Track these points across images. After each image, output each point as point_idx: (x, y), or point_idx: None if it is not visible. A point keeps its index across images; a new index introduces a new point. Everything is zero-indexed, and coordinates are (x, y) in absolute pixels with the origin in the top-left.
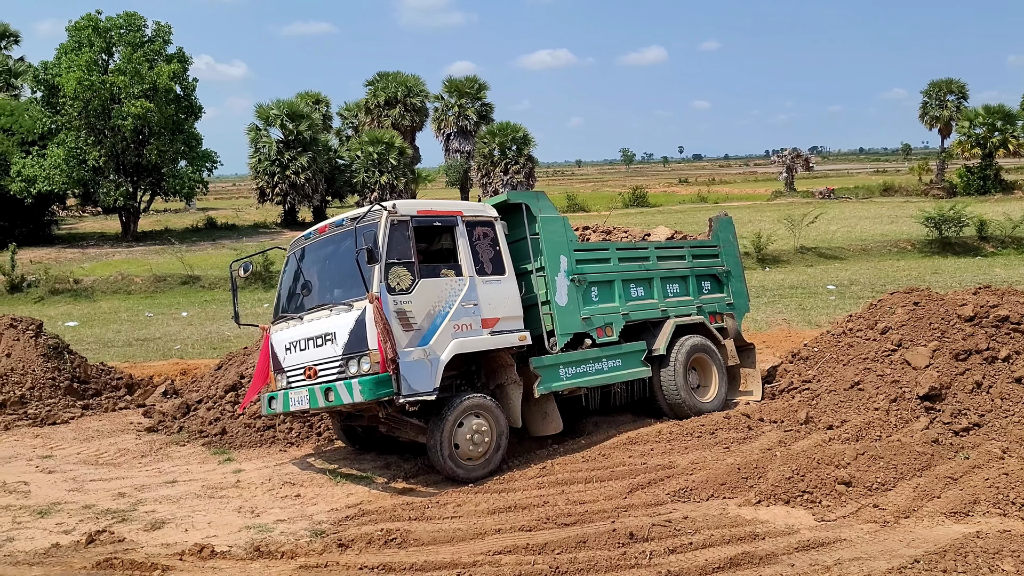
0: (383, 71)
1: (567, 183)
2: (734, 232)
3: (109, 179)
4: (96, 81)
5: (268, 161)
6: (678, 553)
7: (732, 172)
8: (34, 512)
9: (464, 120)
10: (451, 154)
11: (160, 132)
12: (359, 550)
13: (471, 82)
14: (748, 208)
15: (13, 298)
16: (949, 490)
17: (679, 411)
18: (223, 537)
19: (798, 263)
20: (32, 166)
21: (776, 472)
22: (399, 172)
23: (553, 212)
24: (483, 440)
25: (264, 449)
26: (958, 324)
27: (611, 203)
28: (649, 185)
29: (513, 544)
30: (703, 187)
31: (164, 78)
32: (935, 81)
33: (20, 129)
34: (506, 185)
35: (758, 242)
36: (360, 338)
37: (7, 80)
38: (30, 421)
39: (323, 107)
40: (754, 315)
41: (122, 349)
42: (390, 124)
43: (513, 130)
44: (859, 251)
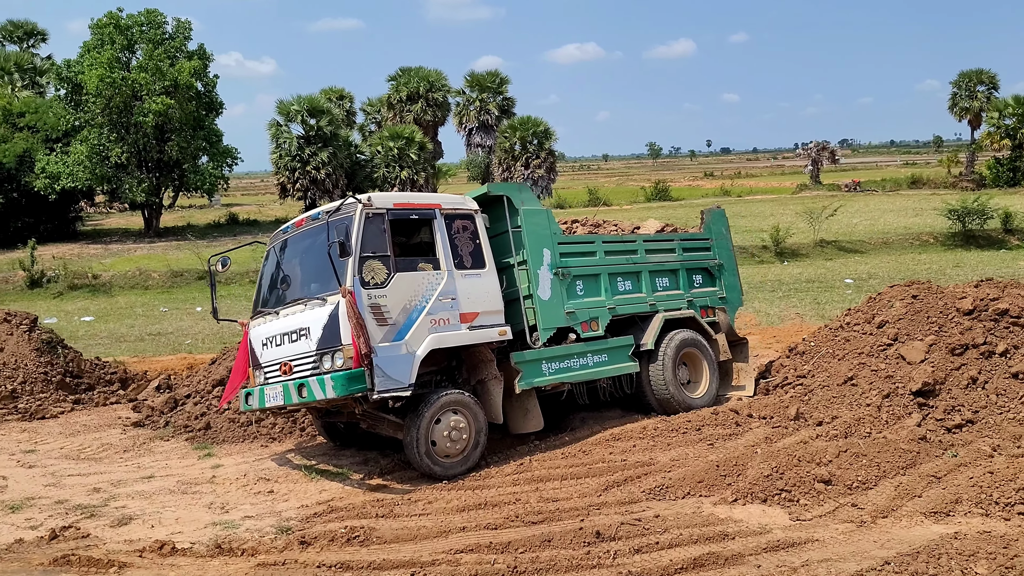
0: (405, 66)
1: (592, 177)
2: (727, 225)
3: (131, 175)
4: (118, 78)
5: (289, 157)
6: (643, 553)
7: (759, 166)
8: (6, 507)
9: (486, 114)
10: (472, 149)
11: (181, 128)
12: (320, 548)
13: (493, 76)
14: (771, 201)
15: (33, 293)
16: (931, 489)
17: (668, 407)
18: (188, 534)
19: (817, 256)
20: (56, 163)
21: (755, 470)
22: (419, 167)
23: (536, 205)
24: (461, 437)
25: (246, 444)
26: (956, 318)
27: (634, 197)
28: (674, 179)
29: (476, 543)
30: (728, 181)
31: (185, 75)
32: (965, 72)
33: (44, 126)
34: (527, 179)
35: (776, 235)
36: (333, 333)
37: (32, 78)
38: (19, 415)
39: (347, 103)
40: (767, 309)
41: (134, 344)
42: (412, 119)
43: (534, 124)
44: (880, 244)
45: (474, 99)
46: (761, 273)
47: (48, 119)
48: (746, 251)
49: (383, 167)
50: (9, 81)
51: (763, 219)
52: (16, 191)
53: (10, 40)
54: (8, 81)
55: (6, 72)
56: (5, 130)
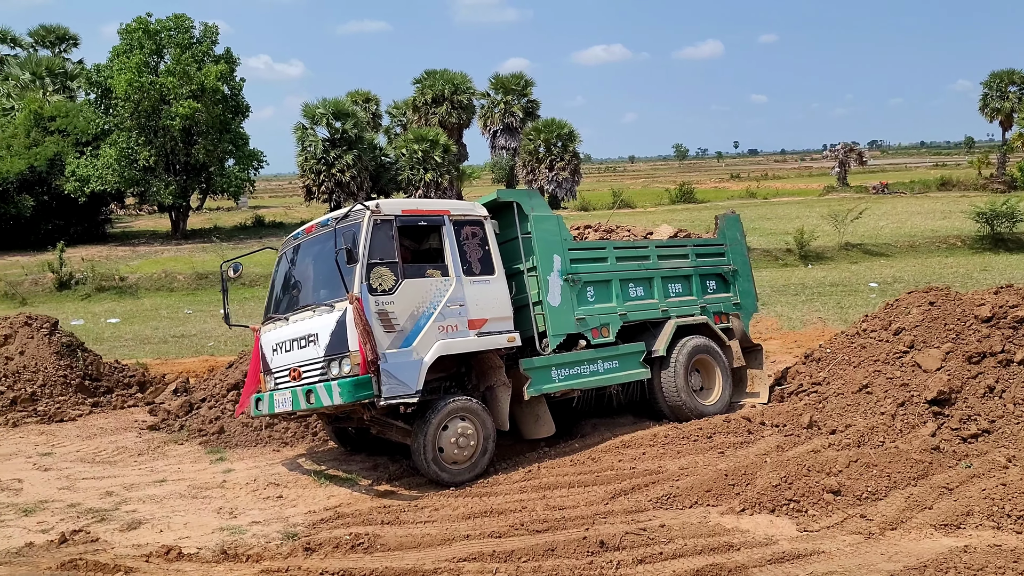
0: (430, 69)
1: (618, 179)
2: (742, 230)
3: (159, 178)
4: (146, 82)
5: (314, 159)
6: (647, 563)
7: (786, 167)
8: (20, 510)
9: (510, 117)
10: (497, 151)
11: (208, 132)
12: (325, 555)
13: (517, 79)
14: (797, 204)
15: (61, 295)
16: (942, 501)
17: (680, 414)
18: (195, 538)
19: (842, 260)
20: (86, 166)
21: (764, 479)
22: (443, 169)
23: (546, 211)
24: (468, 444)
25: (259, 449)
26: (974, 325)
27: (658, 199)
28: (700, 181)
29: (480, 551)
30: (754, 183)
31: (211, 79)
32: (996, 72)
33: (75, 130)
34: (551, 182)
35: (800, 238)
36: (341, 339)
37: (63, 83)
38: (38, 418)
39: (373, 105)
40: (789, 313)
41: (157, 346)
42: (437, 122)
43: (559, 126)
44: (907, 247)
45: (498, 101)
46: (784, 276)
47: (78, 123)
48: (769, 254)
49: (407, 170)
50: (41, 86)
51: (788, 221)
52: (47, 194)
53: (42, 45)
54: (40, 86)
55: (38, 77)
56: (36, 134)
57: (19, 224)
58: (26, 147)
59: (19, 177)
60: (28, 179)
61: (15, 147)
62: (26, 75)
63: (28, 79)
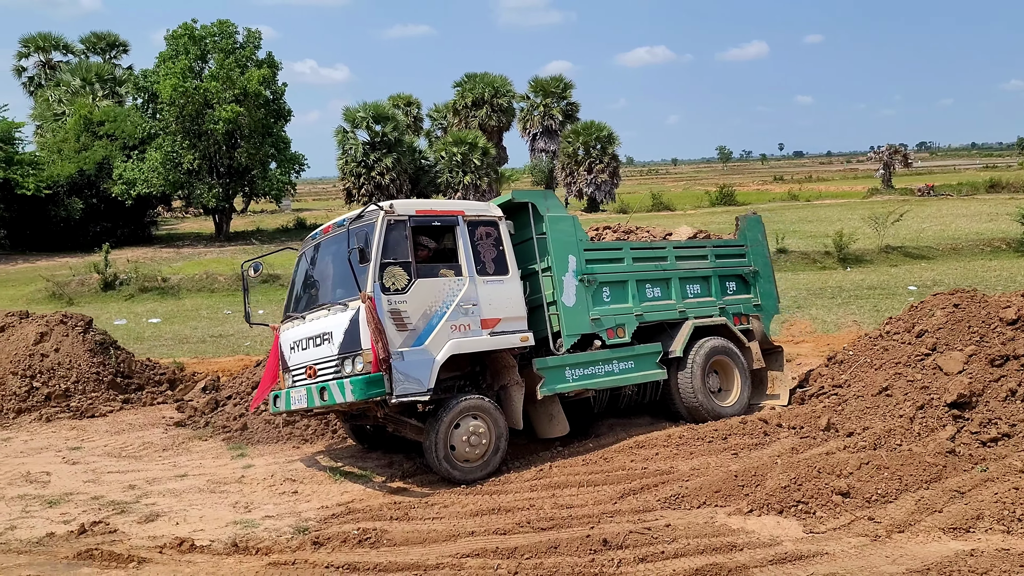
0: (471, 72)
1: (659, 182)
2: (763, 231)
3: (203, 181)
4: (190, 87)
5: (355, 162)
6: (648, 562)
7: (831, 169)
8: (45, 502)
9: (549, 119)
10: (536, 154)
11: (250, 136)
12: (332, 549)
13: (556, 81)
14: (840, 206)
15: (106, 295)
16: (953, 504)
17: (697, 415)
18: (209, 531)
19: (882, 263)
20: (132, 169)
21: (774, 481)
22: (482, 172)
23: (562, 211)
24: (480, 442)
25: (279, 446)
26: (999, 328)
27: (698, 202)
28: (743, 183)
29: (483, 547)
30: (796, 185)
31: (254, 83)
32: None
33: (122, 134)
34: (591, 184)
35: (839, 241)
36: (354, 338)
37: (112, 88)
38: (71, 414)
39: (414, 109)
40: (824, 316)
41: (196, 345)
42: (477, 125)
43: (598, 129)
44: (949, 250)
45: (538, 104)
46: (822, 279)
47: (126, 127)
48: (807, 257)
49: (446, 172)
50: (90, 91)
51: (829, 224)
52: (95, 197)
53: (94, 52)
54: (89, 91)
55: (88, 83)
56: (86, 138)
57: (68, 226)
58: (76, 151)
59: (69, 180)
60: (77, 182)
61: (65, 151)
62: (76, 81)
63: (78, 85)
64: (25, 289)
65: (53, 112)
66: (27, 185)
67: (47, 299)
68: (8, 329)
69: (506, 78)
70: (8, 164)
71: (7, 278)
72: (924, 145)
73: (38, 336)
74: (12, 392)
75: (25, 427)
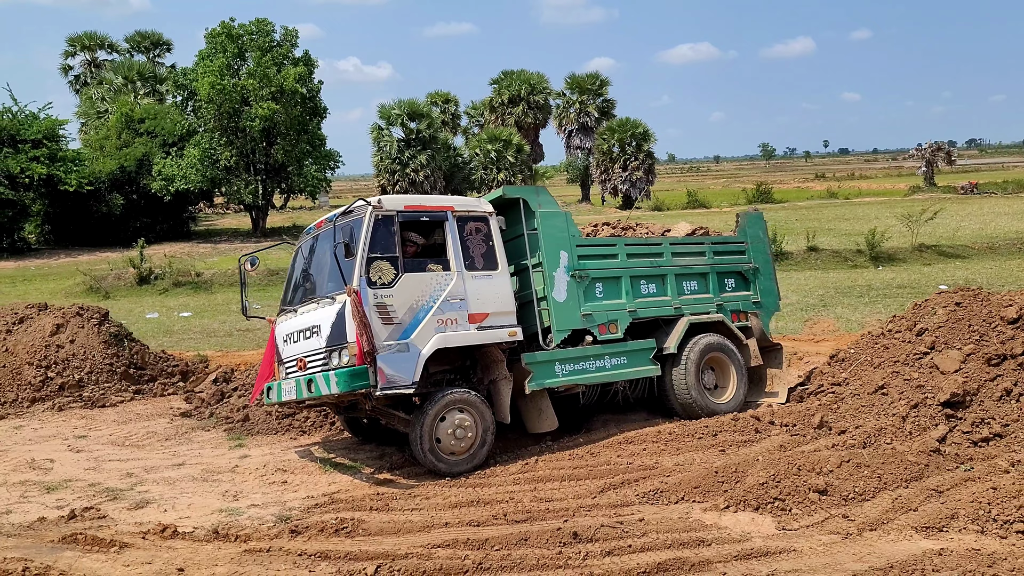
0: (507, 69)
1: (700, 179)
2: (765, 229)
3: (240, 178)
4: (228, 85)
5: (389, 159)
6: (614, 555)
7: (876, 167)
8: (44, 487)
9: (585, 116)
10: (572, 151)
11: (286, 133)
12: (308, 537)
13: (593, 78)
14: (879, 204)
15: (141, 289)
16: (929, 503)
17: (690, 411)
18: (195, 519)
19: (915, 261)
20: (171, 166)
21: (753, 477)
22: (516, 169)
23: (554, 207)
24: (466, 435)
25: (277, 437)
26: (1000, 326)
27: (735, 199)
28: (784, 181)
29: (455, 538)
30: (836, 183)
31: (290, 81)
32: None
33: (162, 131)
34: (626, 181)
35: (871, 239)
36: (340, 331)
37: (153, 86)
38: (83, 403)
39: (452, 106)
40: (849, 315)
41: (222, 339)
42: (513, 122)
43: (633, 126)
44: (985, 249)
45: (574, 101)
46: (851, 278)
47: (165, 124)
48: (838, 255)
49: (480, 170)
50: (132, 89)
51: (866, 222)
52: (135, 193)
53: (138, 50)
54: (131, 89)
55: (129, 81)
56: (127, 135)
57: (109, 222)
58: (117, 148)
59: (110, 177)
60: (118, 179)
61: (107, 148)
62: (119, 79)
63: (121, 83)
64: (65, 283)
65: (96, 110)
66: (69, 181)
67: (84, 293)
68: (27, 320)
69: (543, 75)
70: (51, 161)
71: (49, 272)
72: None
73: (54, 328)
74: (27, 382)
75: (38, 416)
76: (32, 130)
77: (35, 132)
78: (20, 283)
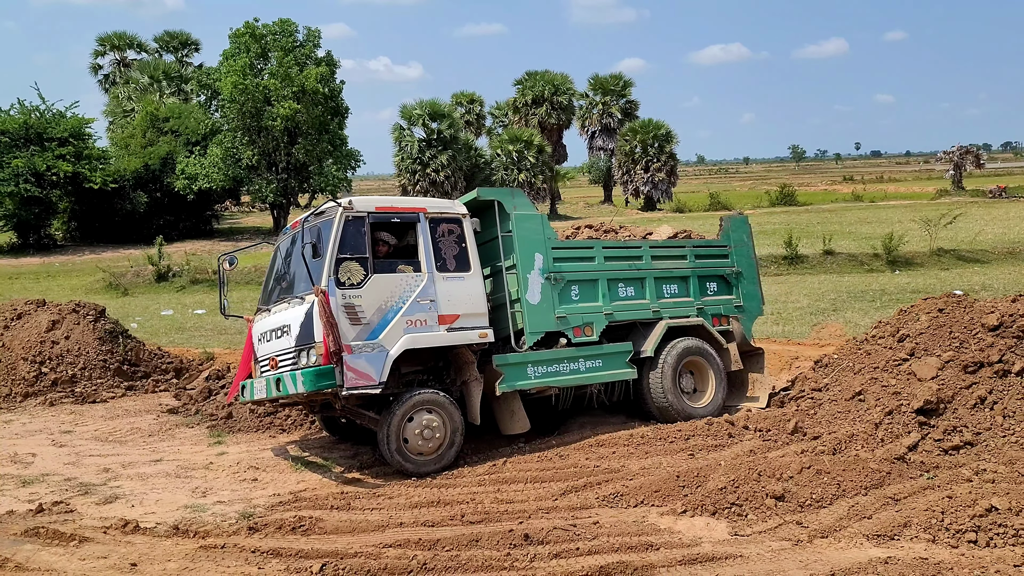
0: (531, 70)
1: (727, 181)
2: (749, 232)
3: (262, 177)
4: (250, 84)
5: (410, 159)
6: (561, 558)
7: (906, 170)
8: (21, 481)
9: (608, 118)
10: (594, 152)
11: (308, 132)
12: (265, 535)
13: (616, 79)
14: (904, 207)
15: (159, 286)
16: (884, 511)
17: (667, 415)
18: (159, 514)
19: (932, 266)
20: (194, 165)
21: (713, 482)
22: (537, 170)
23: (530, 210)
24: (434, 436)
25: (257, 435)
26: (980, 333)
27: (758, 202)
28: (811, 183)
29: (407, 538)
30: (864, 185)
31: (312, 80)
32: None
33: (186, 130)
34: (647, 183)
35: (888, 243)
36: (308, 331)
37: (179, 85)
38: (74, 399)
39: (477, 106)
40: (859, 320)
41: (232, 336)
42: (537, 122)
43: (655, 127)
44: (1005, 254)
45: (597, 102)
46: (865, 282)
47: (189, 123)
48: (855, 259)
49: (501, 170)
50: (158, 88)
51: (888, 225)
52: (159, 191)
53: (166, 50)
54: (157, 88)
55: (155, 80)
56: (152, 134)
57: (133, 219)
58: (142, 146)
59: (135, 175)
60: (143, 177)
61: (132, 146)
62: (145, 79)
63: (147, 82)
64: (87, 279)
65: (123, 109)
66: (95, 179)
67: (104, 289)
68: (24, 316)
69: (567, 76)
70: (77, 159)
71: (73, 268)
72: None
73: (50, 324)
74: (21, 377)
75: (29, 410)
76: (59, 128)
77: (62, 130)
78: (44, 279)
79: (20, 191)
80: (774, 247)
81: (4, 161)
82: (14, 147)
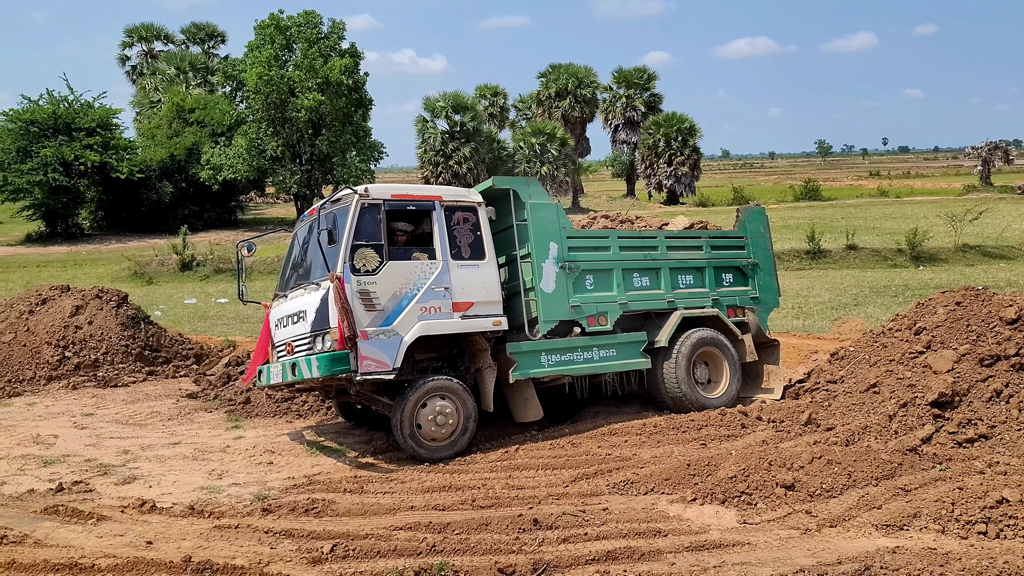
0: (555, 63)
1: (752, 176)
2: (766, 224)
3: (286, 167)
4: (275, 76)
5: (433, 151)
6: (569, 543)
7: (934, 165)
8: (42, 461)
9: (631, 111)
10: (618, 145)
11: (331, 124)
12: (278, 516)
13: (640, 72)
14: (930, 203)
15: (183, 275)
16: (894, 501)
17: (680, 405)
18: (176, 495)
19: (957, 262)
20: (219, 155)
21: (724, 471)
22: (559, 163)
23: (544, 199)
24: (447, 422)
25: (274, 420)
26: (998, 327)
27: (782, 196)
28: (837, 179)
29: (417, 521)
30: (892, 181)
31: (336, 72)
32: None
33: (211, 121)
34: (670, 177)
35: (912, 238)
36: (323, 316)
37: (205, 77)
38: (96, 383)
39: (500, 99)
40: (880, 315)
41: (255, 325)
42: (560, 115)
43: (679, 121)
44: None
45: (620, 96)
46: (888, 277)
47: (215, 114)
48: (879, 254)
49: (524, 163)
50: (184, 80)
51: (913, 221)
52: (184, 181)
53: (193, 42)
54: (183, 79)
55: (182, 71)
56: (177, 125)
57: (159, 209)
58: (168, 137)
59: (160, 165)
60: (168, 167)
61: (159, 137)
62: (172, 70)
63: (173, 73)
64: (113, 268)
65: (150, 99)
66: (121, 169)
67: (129, 278)
68: (49, 302)
69: (591, 68)
70: (105, 149)
71: (99, 257)
72: None
73: (74, 309)
74: (45, 360)
75: (52, 393)
76: (87, 119)
77: (89, 121)
78: (71, 267)
79: (48, 180)
80: (797, 241)
81: (33, 151)
82: (43, 137)
